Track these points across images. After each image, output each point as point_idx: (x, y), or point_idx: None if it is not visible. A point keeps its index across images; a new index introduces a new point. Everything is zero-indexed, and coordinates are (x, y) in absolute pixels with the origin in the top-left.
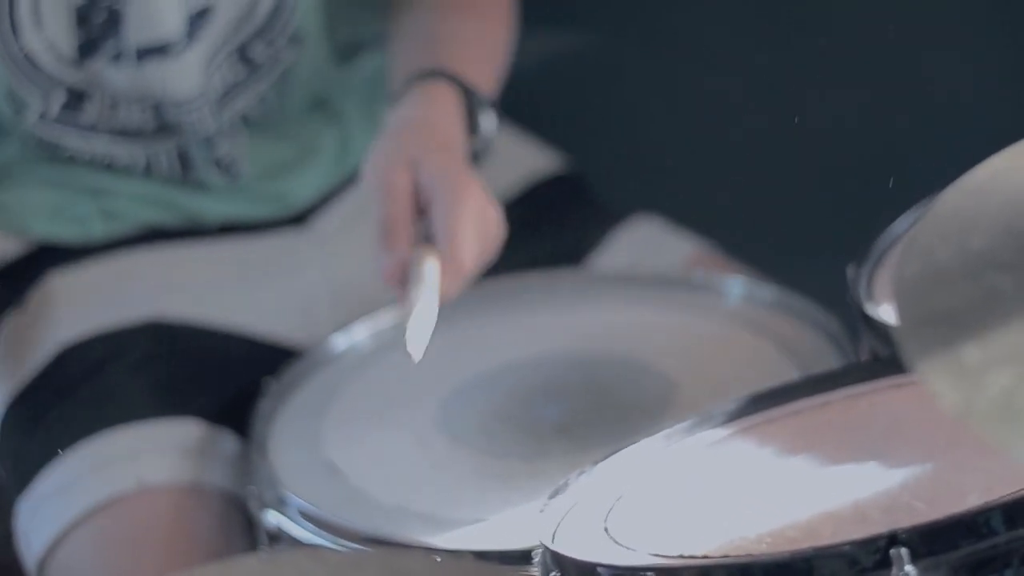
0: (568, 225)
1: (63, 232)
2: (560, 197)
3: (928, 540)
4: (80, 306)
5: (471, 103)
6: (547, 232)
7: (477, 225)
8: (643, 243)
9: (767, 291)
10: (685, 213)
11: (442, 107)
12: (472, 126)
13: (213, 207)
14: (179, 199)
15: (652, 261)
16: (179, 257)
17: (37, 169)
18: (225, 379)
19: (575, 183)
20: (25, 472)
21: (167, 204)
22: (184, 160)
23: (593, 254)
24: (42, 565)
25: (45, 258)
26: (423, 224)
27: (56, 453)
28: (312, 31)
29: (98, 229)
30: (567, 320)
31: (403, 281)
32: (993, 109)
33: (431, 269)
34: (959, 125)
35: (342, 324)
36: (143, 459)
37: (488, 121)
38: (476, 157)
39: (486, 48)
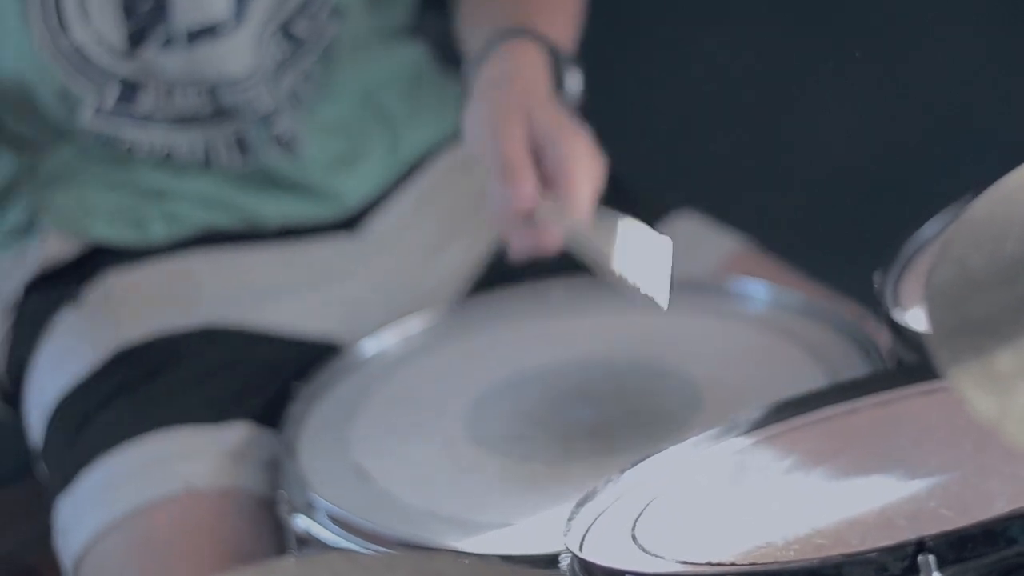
0: None
1: (123, 235)
2: (603, 194)
3: (956, 547)
4: (137, 308)
5: (556, 61)
6: None
7: (591, 173)
8: (683, 240)
9: (795, 297)
10: (722, 212)
11: (531, 64)
12: (559, 83)
13: (271, 206)
14: (239, 198)
15: (692, 257)
16: (235, 261)
17: (95, 170)
18: (276, 382)
19: (615, 182)
20: (68, 470)
21: (227, 205)
22: (242, 145)
23: None
24: (79, 563)
25: (103, 258)
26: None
27: (101, 452)
28: (352, 5)
29: (158, 232)
30: (595, 326)
31: (529, 218)
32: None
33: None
34: (990, 132)
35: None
36: (190, 463)
37: (573, 79)
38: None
39: (564, 5)
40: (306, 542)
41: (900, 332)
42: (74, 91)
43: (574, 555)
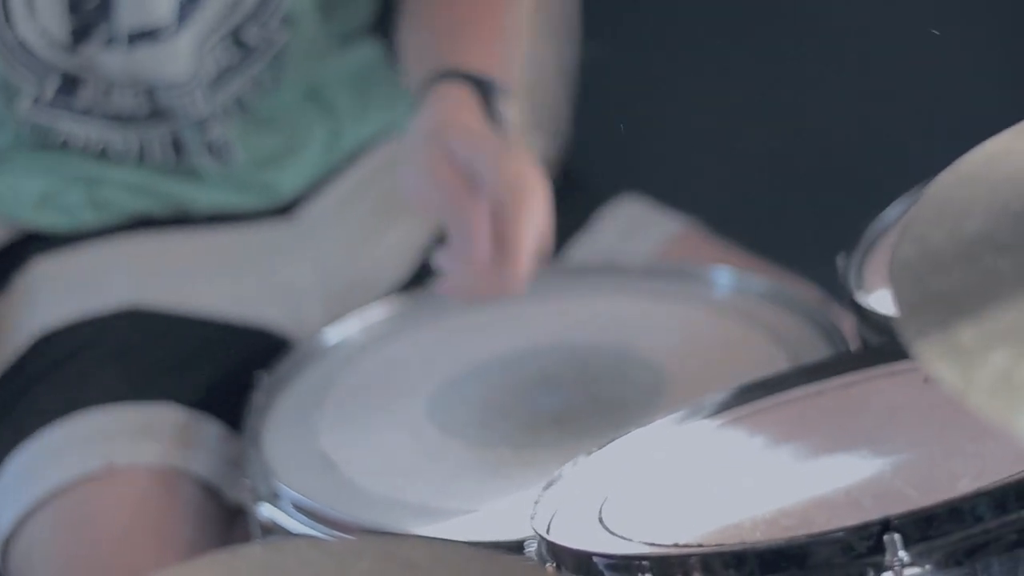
0: (555, 205)
1: (51, 220)
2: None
3: (921, 526)
4: (60, 293)
5: (488, 96)
6: None
7: (526, 169)
8: (630, 222)
9: (757, 281)
10: (682, 198)
11: (461, 108)
12: (494, 119)
13: (202, 196)
14: (169, 187)
15: (639, 239)
16: (165, 245)
17: (28, 157)
18: (208, 366)
19: (563, 169)
20: None
21: (157, 193)
22: (177, 145)
23: (580, 233)
24: (5, 548)
25: (32, 245)
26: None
27: (23, 438)
28: (305, 13)
29: (87, 218)
30: (558, 311)
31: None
32: (984, 100)
33: None
34: (950, 115)
35: (329, 312)
36: (115, 441)
37: (508, 108)
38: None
39: (496, 30)
40: (271, 531)
41: (864, 315)
42: (13, 81)
43: (541, 538)
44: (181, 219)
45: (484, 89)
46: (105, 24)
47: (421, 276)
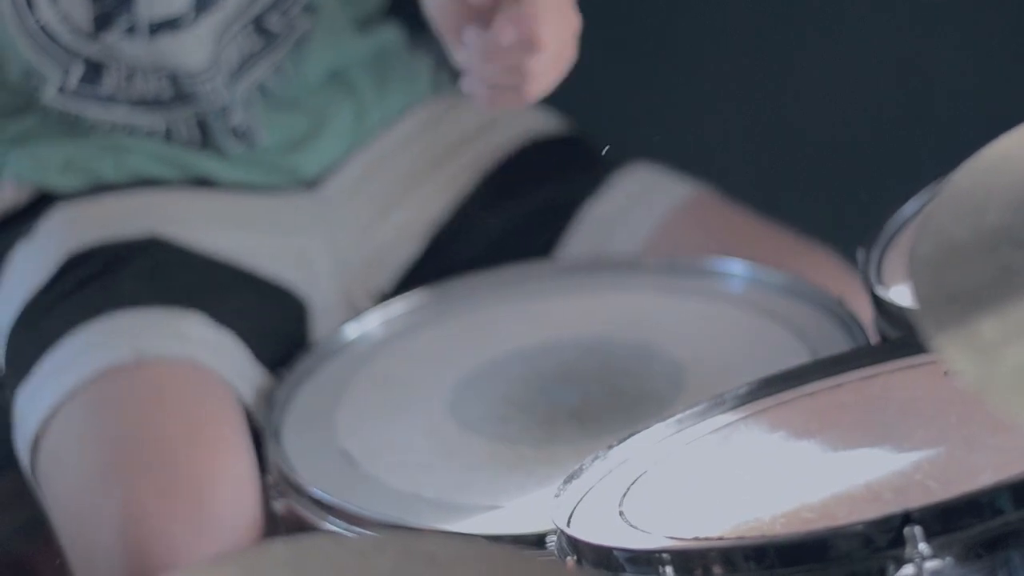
0: (568, 171)
1: (73, 182)
2: (560, 151)
3: (941, 519)
4: (86, 224)
5: None
6: (546, 180)
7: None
8: (642, 185)
9: (776, 275)
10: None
11: None
12: None
13: (226, 173)
14: (193, 161)
15: (652, 203)
16: (187, 198)
17: (54, 134)
18: (231, 297)
19: (575, 140)
20: (25, 364)
21: (183, 165)
22: (203, 128)
23: (591, 198)
24: (35, 444)
25: (53, 200)
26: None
27: (54, 340)
28: (326, 0)
29: (108, 176)
30: (577, 306)
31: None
32: (1002, 95)
33: None
34: (968, 110)
35: (341, 282)
36: (142, 336)
37: None
38: None
39: None
40: (292, 526)
41: (883, 308)
42: (39, 69)
43: (562, 532)
44: (202, 183)
45: None
46: (126, 13)
47: (431, 253)
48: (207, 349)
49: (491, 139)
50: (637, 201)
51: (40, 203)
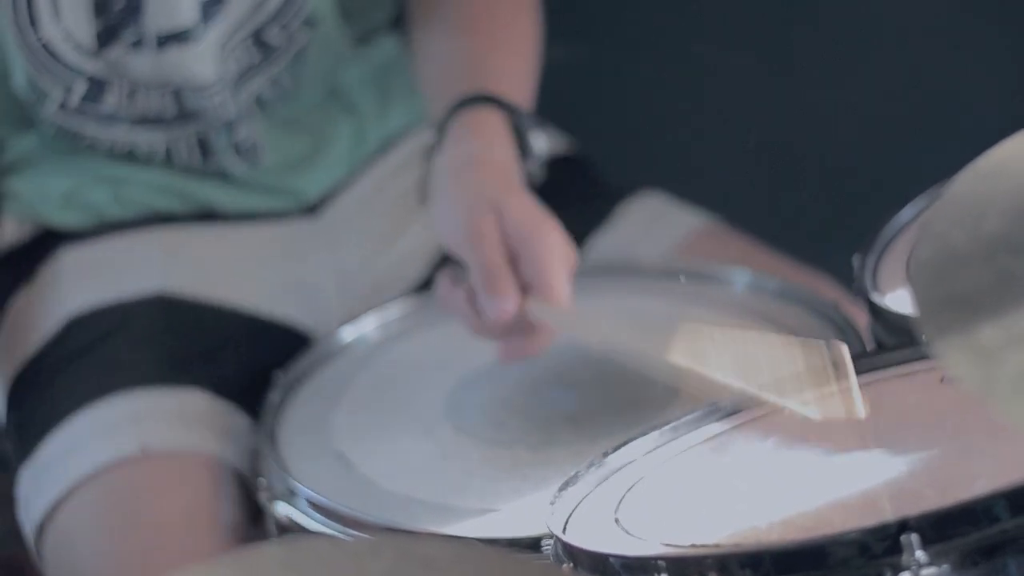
0: (575, 201)
1: (76, 218)
2: (567, 176)
3: (938, 526)
4: (88, 279)
5: (520, 128)
6: (554, 208)
7: (565, 266)
8: (649, 217)
9: (773, 281)
10: (700, 197)
11: (496, 141)
12: (524, 149)
13: (228, 199)
14: (195, 189)
15: (660, 235)
16: (190, 238)
17: (55, 159)
18: (234, 356)
19: (582, 164)
20: (29, 440)
21: (183, 194)
22: (204, 147)
23: (600, 229)
24: (41, 529)
25: (57, 238)
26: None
27: (58, 420)
28: (326, 14)
29: (112, 214)
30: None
31: (514, 327)
32: (1000, 100)
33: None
34: (965, 116)
35: (347, 311)
36: (147, 424)
37: (538, 142)
38: (531, 178)
39: (519, 57)
40: (287, 529)
41: (880, 314)
42: (41, 86)
43: (557, 538)
44: (206, 216)
45: (514, 118)
46: (133, 27)
47: (435, 276)
48: (208, 431)
49: None
50: (646, 233)
51: (42, 242)
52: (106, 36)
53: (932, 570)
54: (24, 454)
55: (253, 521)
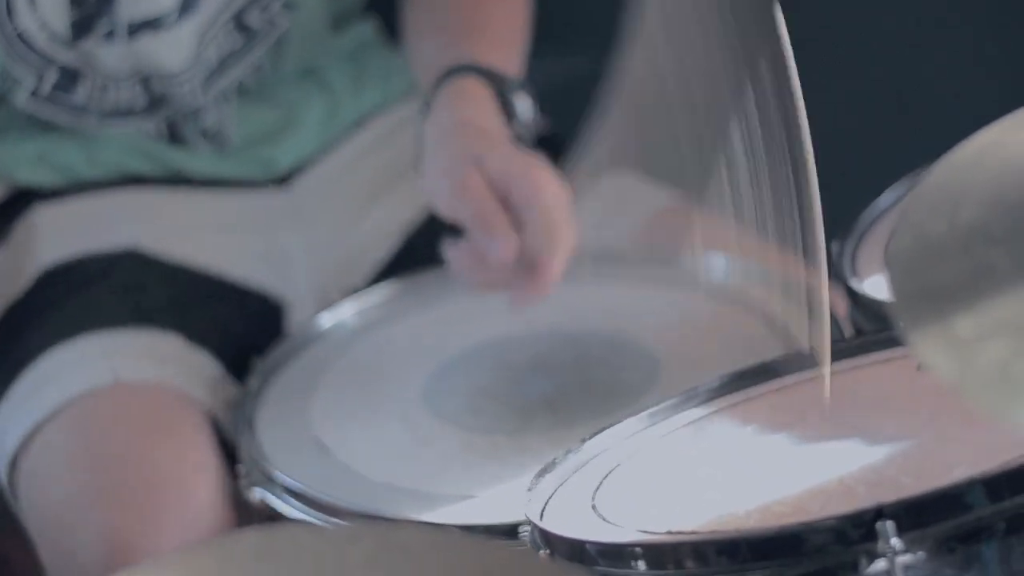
0: None
1: (48, 177)
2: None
3: (913, 513)
4: (63, 234)
5: (504, 93)
6: None
7: (559, 198)
8: (618, 195)
9: (752, 268)
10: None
11: (479, 107)
12: (509, 113)
13: (198, 164)
14: (165, 153)
15: (628, 212)
16: (161, 198)
17: (27, 122)
18: (201, 309)
19: (552, 140)
20: (2, 381)
21: (153, 156)
22: (172, 131)
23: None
24: (14, 462)
25: (31, 197)
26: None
27: (34, 356)
28: None
29: (83, 174)
30: (552, 297)
31: (520, 271)
32: (978, 89)
33: None
34: (943, 104)
35: (318, 281)
36: (120, 359)
37: (524, 106)
38: (519, 140)
39: (506, 30)
40: (265, 516)
41: (858, 301)
42: (13, 73)
43: (535, 525)
44: (177, 180)
45: (499, 85)
46: (107, 16)
47: (406, 253)
48: (182, 371)
49: None
50: (614, 210)
51: (17, 202)
52: (81, 26)
53: (908, 557)
54: None
55: (225, 468)
